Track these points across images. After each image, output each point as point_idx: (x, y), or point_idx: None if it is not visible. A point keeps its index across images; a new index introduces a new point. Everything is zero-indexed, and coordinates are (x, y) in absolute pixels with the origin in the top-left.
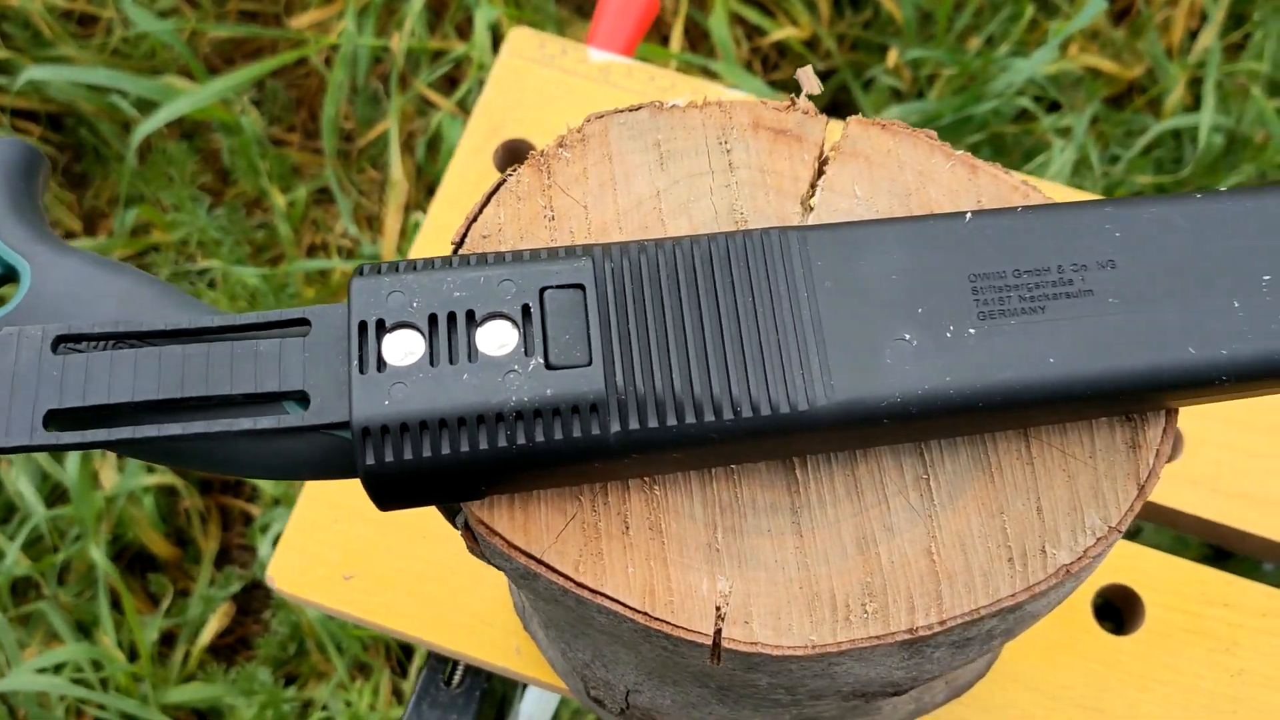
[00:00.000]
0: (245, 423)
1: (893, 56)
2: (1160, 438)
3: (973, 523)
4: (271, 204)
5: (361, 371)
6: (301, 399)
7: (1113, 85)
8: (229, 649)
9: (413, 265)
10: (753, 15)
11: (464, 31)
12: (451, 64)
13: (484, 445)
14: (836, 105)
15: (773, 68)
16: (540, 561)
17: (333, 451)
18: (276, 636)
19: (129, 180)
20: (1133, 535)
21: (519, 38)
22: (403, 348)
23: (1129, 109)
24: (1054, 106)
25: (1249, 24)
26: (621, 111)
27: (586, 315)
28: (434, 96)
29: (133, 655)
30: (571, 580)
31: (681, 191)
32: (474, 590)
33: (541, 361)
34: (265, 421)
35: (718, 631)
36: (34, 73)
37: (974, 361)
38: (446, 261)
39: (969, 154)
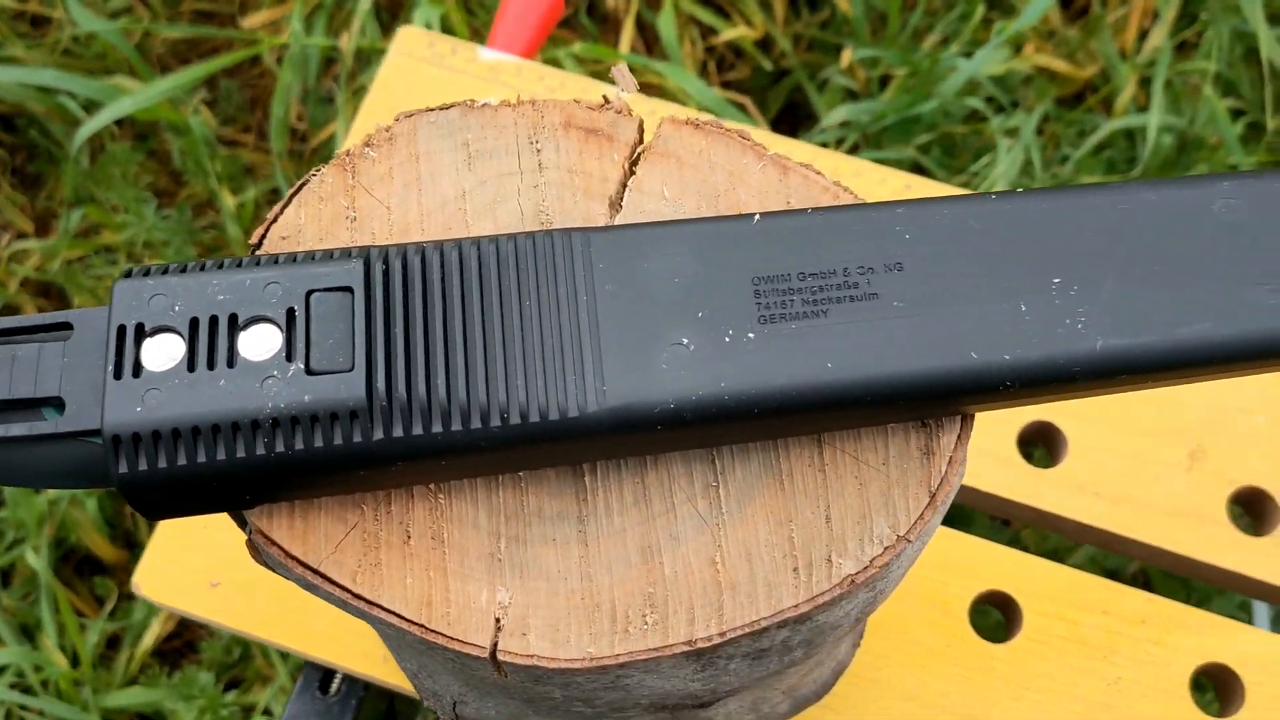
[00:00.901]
0: None
1: (846, 56)
2: (954, 444)
3: (760, 531)
4: (221, 205)
5: (117, 377)
6: (59, 405)
7: (1067, 85)
8: (176, 652)
9: (182, 268)
10: (706, 15)
11: None
12: None
13: (240, 453)
14: (792, 106)
15: (729, 68)
16: (317, 572)
17: (90, 460)
18: (221, 640)
19: (80, 181)
20: (1012, 541)
21: (407, 36)
22: (163, 353)
23: (1081, 109)
24: (1011, 105)
25: (1199, 23)
26: (432, 110)
27: (353, 319)
28: None
29: (77, 660)
30: (349, 591)
31: (489, 192)
32: None
33: (303, 367)
34: (17, 429)
35: (494, 644)
36: None
37: (750, 366)
38: (218, 264)
39: (782, 155)
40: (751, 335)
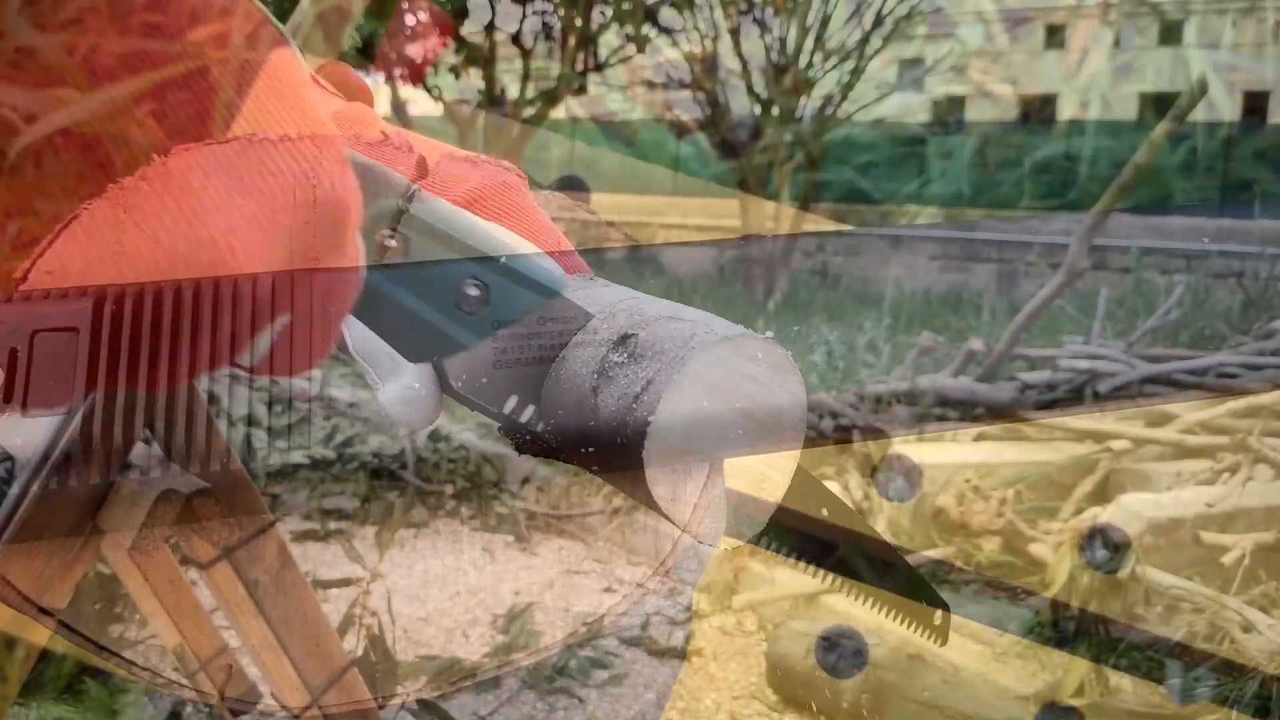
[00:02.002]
0: None
1: (791, 76)
2: (699, 491)
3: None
4: None
5: None
6: None
7: (1011, 108)
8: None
9: None
10: (653, 34)
11: (369, 48)
12: None
13: None
14: (739, 124)
15: (679, 85)
16: (51, 615)
17: None
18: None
19: (23, 193)
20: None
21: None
22: None
23: (1023, 132)
24: (950, 127)
25: (1134, 50)
26: (211, 144)
27: (76, 361)
28: None
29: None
30: (83, 636)
31: (259, 228)
32: None
33: (20, 408)
34: None
35: (223, 691)
36: None
37: (482, 410)
38: None
39: (558, 194)
40: (485, 380)
